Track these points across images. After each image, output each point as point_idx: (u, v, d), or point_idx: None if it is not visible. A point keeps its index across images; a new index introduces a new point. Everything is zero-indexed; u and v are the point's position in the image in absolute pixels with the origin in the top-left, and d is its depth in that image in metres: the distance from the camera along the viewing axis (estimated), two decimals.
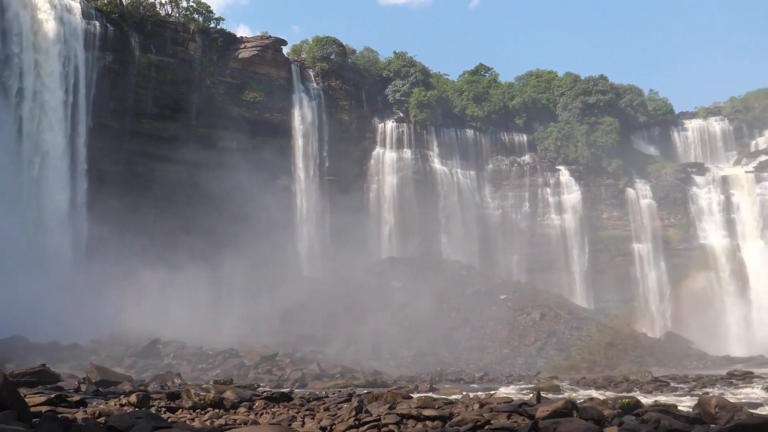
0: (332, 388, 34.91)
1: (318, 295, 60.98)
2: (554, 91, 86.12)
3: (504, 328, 60.64)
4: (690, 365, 56.07)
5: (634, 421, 14.09)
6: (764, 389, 29.08)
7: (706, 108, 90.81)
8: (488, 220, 79.17)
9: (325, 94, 75.34)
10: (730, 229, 79.62)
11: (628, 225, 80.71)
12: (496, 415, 15.37)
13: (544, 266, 77.96)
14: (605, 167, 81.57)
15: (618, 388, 32.48)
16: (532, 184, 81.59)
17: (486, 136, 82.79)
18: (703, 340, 68.60)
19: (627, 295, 77.16)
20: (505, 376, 44.29)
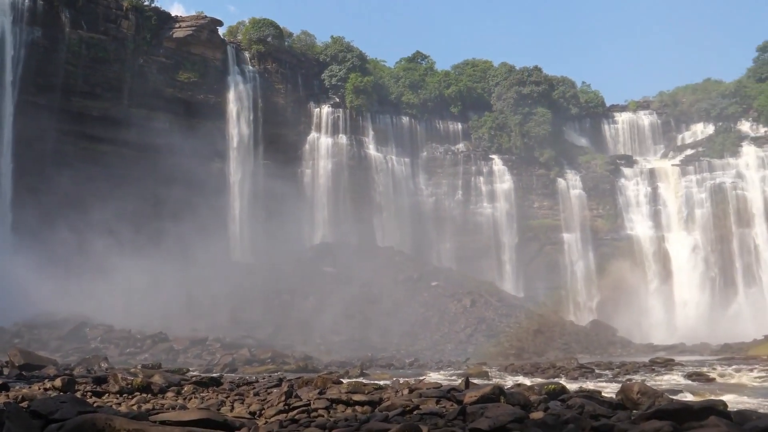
0: (263, 373, 34.82)
1: (250, 280, 60.49)
2: (489, 81, 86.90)
3: (435, 314, 61.16)
4: (615, 352, 57.42)
5: (560, 407, 14.36)
6: (684, 376, 29.98)
7: (636, 101, 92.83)
8: (422, 207, 79.55)
9: (260, 76, 74.48)
10: (656, 221, 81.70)
11: (558, 214, 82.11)
12: (425, 401, 15.50)
13: (476, 254, 78.75)
14: (537, 157, 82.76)
15: (545, 374, 33.10)
16: (465, 172, 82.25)
17: (421, 124, 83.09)
18: (628, 328, 70.38)
19: (555, 283, 78.55)
20: (435, 362, 44.73)
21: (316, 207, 74.53)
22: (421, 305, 62.26)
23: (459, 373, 32.60)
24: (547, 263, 79.64)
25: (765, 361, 39.02)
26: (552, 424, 11.91)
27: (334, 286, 62.98)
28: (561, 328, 63.42)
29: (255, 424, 13.92)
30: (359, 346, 53.17)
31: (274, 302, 58.35)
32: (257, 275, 61.69)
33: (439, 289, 65.21)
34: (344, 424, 13.25)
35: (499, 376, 32.52)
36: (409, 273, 66.89)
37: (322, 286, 62.73)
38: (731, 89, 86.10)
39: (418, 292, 64.22)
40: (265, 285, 60.16)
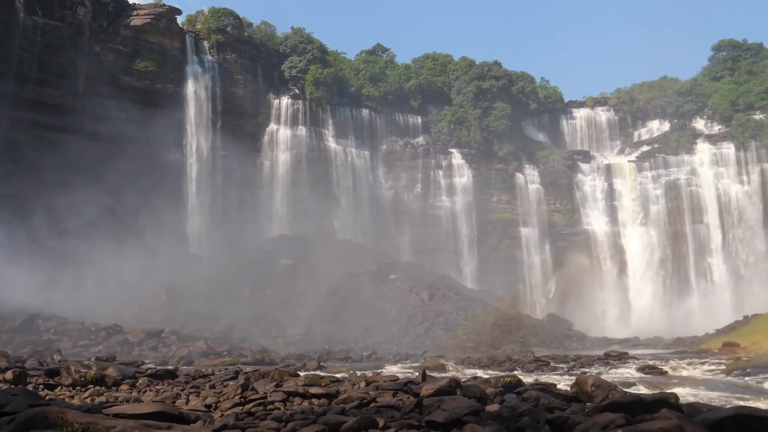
0: (219, 365, 34.56)
1: (207, 272, 60.03)
2: (449, 75, 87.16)
3: (393, 307, 61.28)
4: (570, 346, 58.05)
5: (515, 399, 14.46)
6: (638, 369, 30.40)
7: (593, 98, 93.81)
8: (381, 200, 79.57)
9: (219, 67, 73.83)
10: (612, 216, 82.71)
11: (516, 209, 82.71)
12: (381, 393, 15.51)
13: (434, 247, 79.03)
14: (496, 152, 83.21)
15: (501, 367, 33.33)
16: (424, 165, 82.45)
17: (381, 117, 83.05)
18: (584, 321, 71.25)
19: (513, 277, 79.10)
20: (393, 355, 44.81)
21: (274, 199, 74.10)
22: (379, 298, 62.32)
23: (416, 366, 32.71)
24: (505, 257, 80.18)
25: (716, 354, 39.76)
26: (507, 416, 11.98)
27: (292, 278, 62.81)
28: (518, 322, 63.96)
29: (210, 417, 13.79)
30: (317, 339, 53.06)
31: (232, 294, 57.92)
32: (215, 267, 61.24)
33: (397, 283, 65.31)
34: (300, 417, 13.19)
35: (456, 369, 32.68)
36: (368, 266, 66.88)
37: (280, 279, 62.52)
38: (687, 87, 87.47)
39: (377, 285, 64.25)
40: (223, 277, 59.75)
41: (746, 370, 28.10)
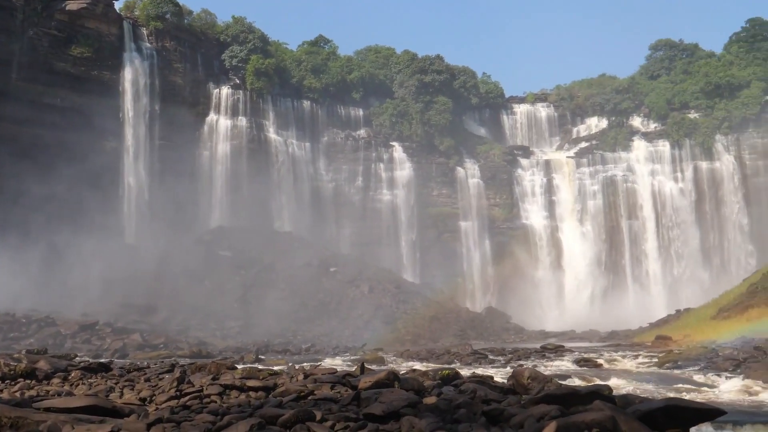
0: (155, 358, 34.09)
1: (143, 263, 59.01)
2: (392, 68, 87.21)
3: (333, 300, 61.19)
4: (508, 339, 58.74)
5: (453, 392, 14.53)
6: (573, 362, 30.88)
7: (534, 94, 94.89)
8: (321, 193, 79.24)
9: (158, 54, 72.50)
10: (550, 211, 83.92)
11: (457, 203, 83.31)
12: (319, 386, 15.44)
13: (375, 240, 79.08)
14: (437, 146, 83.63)
15: (439, 360, 33.52)
16: (366, 158, 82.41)
17: (323, 109, 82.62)
18: (522, 315, 72.22)
19: (452, 270, 79.65)
20: (332, 348, 44.79)
21: (213, 190, 73.16)
22: (319, 291, 62.15)
23: (355, 359, 32.69)
24: (445, 251, 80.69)
25: (649, 347, 40.64)
26: (444, 408, 12.04)
27: (230, 270, 62.21)
28: (457, 315, 64.49)
29: (145, 411, 13.57)
30: (255, 331, 52.72)
31: (169, 286, 57.07)
32: (151, 258, 60.22)
33: (337, 275, 65.24)
34: (237, 410, 13.08)
35: (395, 362, 32.78)
36: (308, 258, 66.62)
37: (219, 271, 61.87)
38: (625, 85, 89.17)
39: (317, 278, 64.05)
40: (160, 268, 58.78)
41: (677, 363, 28.76)
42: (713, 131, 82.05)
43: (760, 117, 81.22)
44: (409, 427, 10.71)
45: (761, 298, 43.48)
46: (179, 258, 61.03)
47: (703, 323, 46.30)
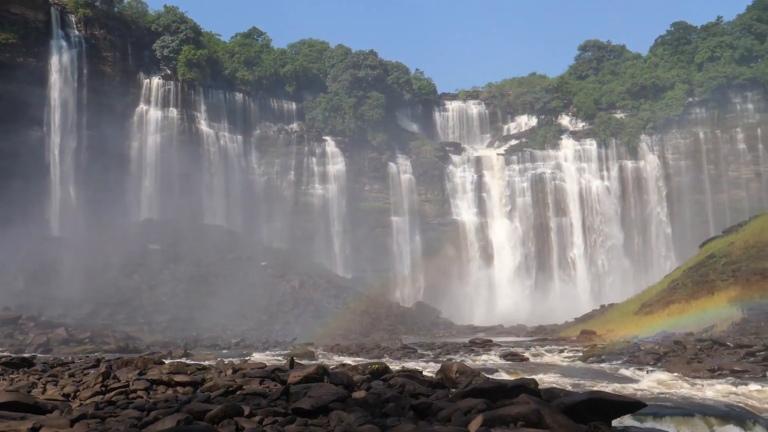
0: (80, 353, 33.42)
1: (70, 256, 57.70)
2: (325, 62, 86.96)
3: (263, 294, 60.80)
4: (438, 333, 59.20)
5: (382, 386, 14.61)
6: (501, 356, 31.33)
7: (466, 91, 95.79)
8: (253, 186, 78.57)
9: (87, 43, 70.74)
10: (481, 207, 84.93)
11: (388, 198, 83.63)
12: (248, 381, 15.36)
13: (306, 235, 78.83)
14: (370, 141, 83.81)
15: (369, 354, 33.64)
16: (298, 152, 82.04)
17: (255, 101, 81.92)
18: (451, 310, 72.96)
19: (383, 265, 79.97)
20: (262, 343, 44.54)
21: (143, 182, 71.81)
22: (249, 285, 61.65)
23: (285, 354, 32.57)
24: (376, 246, 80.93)
25: (574, 342, 41.48)
26: (373, 402, 12.11)
27: (159, 264, 61.26)
28: (387, 310, 64.77)
29: (69, 407, 13.34)
30: (184, 326, 52.12)
31: (96, 280, 55.91)
32: (78, 251, 58.86)
33: (268, 270, 64.83)
34: (164, 406, 12.94)
35: (325, 357, 32.77)
36: (238, 252, 66.05)
37: (147, 264, 60.83)
38: (554, 85, 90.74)
39: (247, 272, 63.53)
40: (87, 261, 57.48)
41: (601, 357, 29.47)
42: (638, 131, 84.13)
43: (683, 118, 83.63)
44: (338, 422, 10.76)
45: (681, 294, 44.80)
46: (106, 251, 59.79)
47: (626, 318, 47.41)
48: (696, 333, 35.05)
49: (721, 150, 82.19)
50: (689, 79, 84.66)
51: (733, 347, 27.45)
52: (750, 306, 35.94)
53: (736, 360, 24.52)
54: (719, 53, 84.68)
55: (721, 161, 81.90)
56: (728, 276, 42.21)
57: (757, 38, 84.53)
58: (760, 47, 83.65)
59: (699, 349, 27.97)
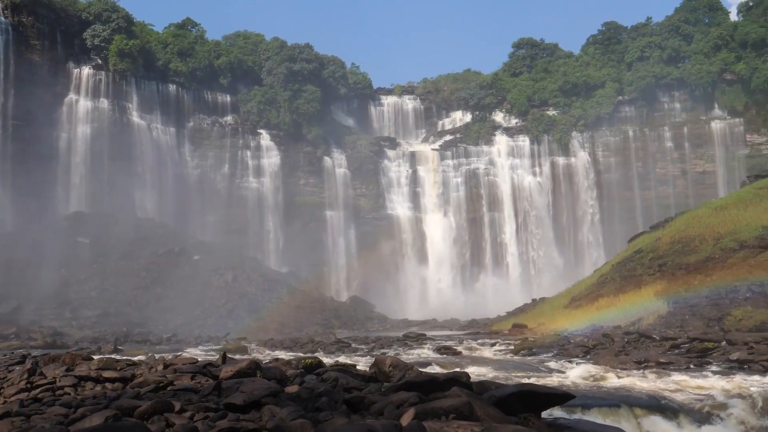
0: (5, 349, 32.55)
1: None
2: (260, 55, 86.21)
3: (196, 289, 60.07)
4: (372, 327, 59.38)
5: (315, 381, 14.58)
6: (434, 350, 31.59)
7: (401, 86, 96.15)
8: (186, 179, 77.48)
9: (14, 30, 68.62)
10: (415, 202, 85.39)
11: (323, 192, 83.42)
12: (179, 376, 15.14)
13: (240, 228, 78.15)
14: (305, 134, 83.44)
15: (303, 349, 33.55)
16: (233, 145, 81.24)
17: (189, 93, 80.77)
18: (386, 304, 73.20)
19: (318, 259, 79.70)
20: (195, 338, 44.07)
21: (72, 174, 70.13)
22: (181, 279, 60.81)
23: (218, 349, 32.28)
24: (311, 240, 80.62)
25: (506, 335, 42.03)
26: (306, 397, 12.09)
27: (88, 258, 60.00)
28: (321, 304, 64.69)
29: None
30: (114, 321, 51.19)
31: (22, 274, 54.44)
32: (4, 244, 57.16)
33: (200, 263, 64.07)
34: (92, 402, 12.68)
35: (259, 351, 32.58)
36: (170, 246, 65.07)
37: (76, 258, 59.48)
38: (488, 81, 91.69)
39: (179, 266, 62.66)
40: (12, 255, 55.93)
41: (532, 350, 29.95)
42: (570, 128, 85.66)
43: (612, 116, 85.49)
44: (270, 416, 10.70)
45: (610, 288, 45.81)
46: (34, 244, 58.27)
47: (556, 312, 48.22)
48: (624, 326, 35.87)
49: (649, 148, 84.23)
50: (619, 78, 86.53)
51: (658, 340, 28.18)
52: (675, 299, 36.93)
53: (662, 352, 25.18)
54: (648, 53, 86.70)
55: (649, 159, 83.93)
56: (655, 270, 43.31)
57: (684, 39, 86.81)
58: (687, 48, 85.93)
59: (626, 341, 28.64)
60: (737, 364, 22.02)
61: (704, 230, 44.54)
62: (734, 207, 47.81)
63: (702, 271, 38.89)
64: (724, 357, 23.12)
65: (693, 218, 49.44)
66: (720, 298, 34.61)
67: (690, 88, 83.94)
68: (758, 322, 29.62)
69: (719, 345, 24.96)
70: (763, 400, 16.29)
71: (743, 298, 33.31)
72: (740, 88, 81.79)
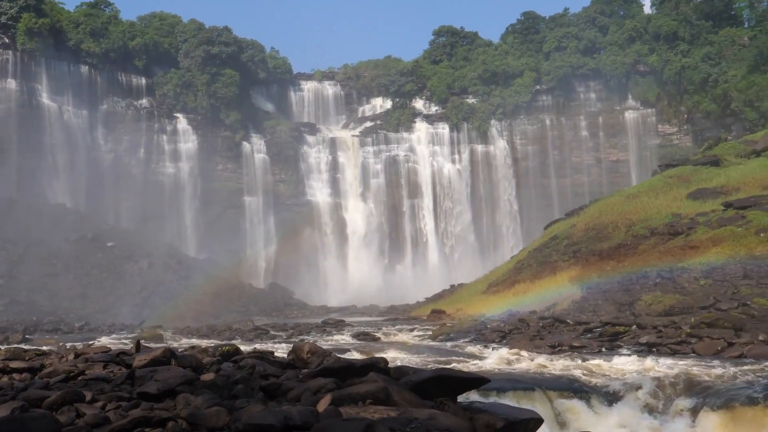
0: None
1: None
2: (177, 37, 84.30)
3: (110, 276, 58.76)
4: (291, 314, 59.10)
5: (231, 368, 14.39)
6: (353, 336, 31.64)
7: (321, 71, 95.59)
8: (100, 164, 75.37)
9: None
10: (335, 188, 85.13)
11: (242, 178, 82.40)
12: (91, 366, 14.74)
13: (157, 214, 76.55)
14: (223, 119, 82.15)
15: (220, 336, 33.24)
16: (148, 129, 79.46)
17: (102, 75, 78.52)
18: (306, 290, 73.01)
19: (236, 246, 78.68)
20: (108, 326, 43.07)
21: None
22: (94, 266, 59.36)
23: (132, 337, 31.62)
24: (229, 226, 79.56)
25: (424, 321, 42.45)
26: (222, 384, 11.93)
27: None
28: (240, 291, 64.12)
29: None
30: (24, 309, 49.60)
31: None
32: None
33: (115, 250, 62.62)
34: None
35: (174, 339, 32.12)
36: (83, 232, 63.37)
37: None
38: (409, 68, 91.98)
39: (92, 253, 61.11)
40: None
41: (450, 335, 30.29)
42: (489, 116, 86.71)
43: (530, 105, 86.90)
44: (185, 405, 10.50)
45: (526, 273, 46.69)
46: None
47: (474, 298, 48.91)
48: (539, 311, 36.60)
49: (565, 136, 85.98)
50: (537, 68, 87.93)
51: (572, 324, 28.84)
52: (588, 285, 37.85)
53: (575, 336, 25.80)
54: (565, 44, 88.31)
55: (565, 147, 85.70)
56: (569, 257, 44.32)
57: (600, 31, 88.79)
58: (603, 39, 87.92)
59: (541, 326, 29.23)
60: (646, 347, 22.73)
61: (617, 217, 45.74)
62: (645, 195, 49.19)
63: (614, 258, 39.93)
64: (634, 340, 23.83)
65: (606, 206, 50.72)
66: (631, 283, 35.58)
67: (605, 78, 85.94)
68: (667, 306, 30.59)
69: (630, 329, 25.68)
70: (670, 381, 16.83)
71: (653, 283, 34.32)
72: (653, 79, 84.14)
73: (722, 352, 20.67)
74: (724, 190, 44.08)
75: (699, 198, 44.04)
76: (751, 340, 21.21)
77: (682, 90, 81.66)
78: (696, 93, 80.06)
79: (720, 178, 47.71)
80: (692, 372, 17.61)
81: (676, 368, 18.23)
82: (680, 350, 21.56)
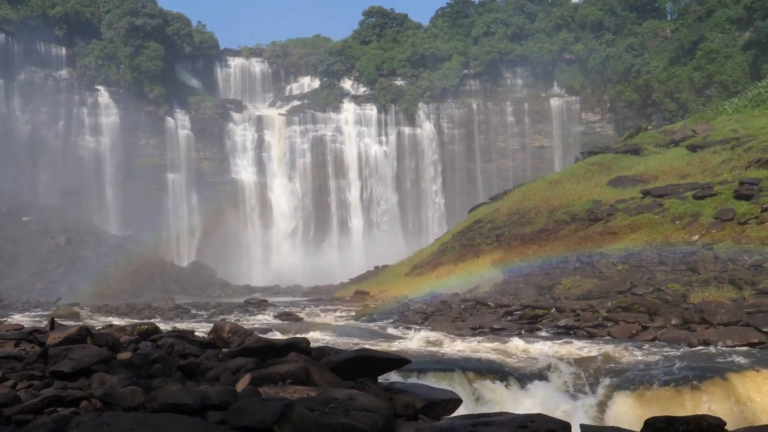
0: None
1: None
2: (100, 7, 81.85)
3: (24, 252, 57.17)
4: (213, 293, 58.52)
5: (149, 347, 14.14)
6: (275, 316, 31.45)
7: (249, 48, 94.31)
8: (16, 136, 72.87)
9: None
10: (260, 167, 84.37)
11: (165, 154, 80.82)
12: (1, 344, 14.30)
13: (76, 189, 74.44)
14: (147, 93, 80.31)
15: (140, 315, 32.65)
16: (68, 101, 77.18)
17: (19, 44, 75.77)
18: (229, 270, 72.29)
19: (158, 223, 77.17)
20: (22, 303, 41.87)
21: None
22: (8, 242, 57.61)
23: (47, 315, 30.76)
24: (151, 203, 77.80)
25: (348, 302, 42.47)
26: (139, 363, 11.69)
27: None
28: (161, 269, 63.16)
29: None
30: None
31: None
32: None
33: (30, 225, 60.88)
34: None
35: (92, 317, 31.42)
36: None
37: None
38: (338, 48, 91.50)
39: (6, 228, 59.28)
40: None
41: (372, 316, 30.36)
42: (416, 99, 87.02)
43: (458, 89, 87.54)
44: (100, 384, 10.27)
45: (450, 256, 47.12)
46: None
47: (398, 279, 49.17)
48: (461, 293, 36.96)
49: (491, 121, 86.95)
50: (465, 52, 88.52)
51: (493, 306, 29.19)
52: (510, 268, 38.39)
53: (496, 318, 26.14)
54: (494, 29, 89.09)
55: (491, 132, 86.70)
56: (492, 240, 44.85)
57: (528, 18, 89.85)
58: (531, 26, 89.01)
59: (463, 308, 29.52)
60: (564, 329, 23.20)
61: (539, 202, 46.40)
62: (568, 181, 50.04)
63: (536, 242, 40.56)
64: (553, 323, 24.28)
65: (529, 191, 51.41)
66: (552, 267, 36.22)
67: (532, 65, 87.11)
68: (585, 290, 31.25)
69: (549, 312, 26.15)
70: (586, 364, 17.24)
71: (573, 267, 35.02)
72: (578, 67, 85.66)
73: (636, 336, 21.19)
74: (642, 178, 45.11)
75: (619, 185, 44.98)
76: (664, 324, 21.79)
77: (606, 79, 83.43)
78: (619, 82, 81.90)
79: (639, 166, 48.84)
80: (608, 354, 18.04)
81: (592, 350, 18.66)
82: (597, 333, 22.04)
